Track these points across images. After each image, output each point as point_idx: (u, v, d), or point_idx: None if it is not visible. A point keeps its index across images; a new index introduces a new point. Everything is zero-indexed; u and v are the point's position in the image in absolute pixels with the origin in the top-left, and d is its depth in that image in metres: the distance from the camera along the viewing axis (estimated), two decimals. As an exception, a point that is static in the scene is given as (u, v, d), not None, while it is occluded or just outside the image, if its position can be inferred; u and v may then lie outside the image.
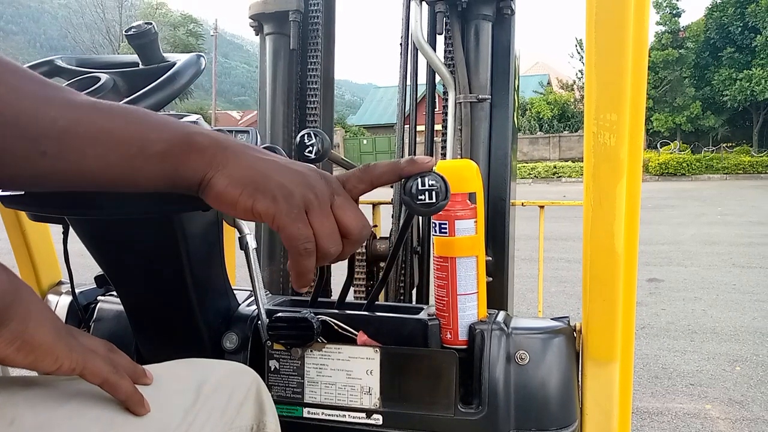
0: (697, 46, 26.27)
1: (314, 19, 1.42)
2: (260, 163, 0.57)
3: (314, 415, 0.94)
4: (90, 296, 1.18)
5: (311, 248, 0.55)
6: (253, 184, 0.55)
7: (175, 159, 0.55)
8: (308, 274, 0.56)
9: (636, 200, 0.88)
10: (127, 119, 0.55)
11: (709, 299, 4.97)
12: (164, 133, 0.55)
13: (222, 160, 0.56)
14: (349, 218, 0.57)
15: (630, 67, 0.80)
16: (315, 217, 0.56)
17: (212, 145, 0.56)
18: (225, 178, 0.55)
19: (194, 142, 0.56)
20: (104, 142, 0.53)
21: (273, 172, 0.56)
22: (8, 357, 0.50)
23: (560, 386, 0.91)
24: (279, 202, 0.55)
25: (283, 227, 0.55)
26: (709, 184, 19.31)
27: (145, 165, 0.55)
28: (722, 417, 2.82)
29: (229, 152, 0.56)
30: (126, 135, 0.54)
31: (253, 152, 0.58)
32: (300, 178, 0.57)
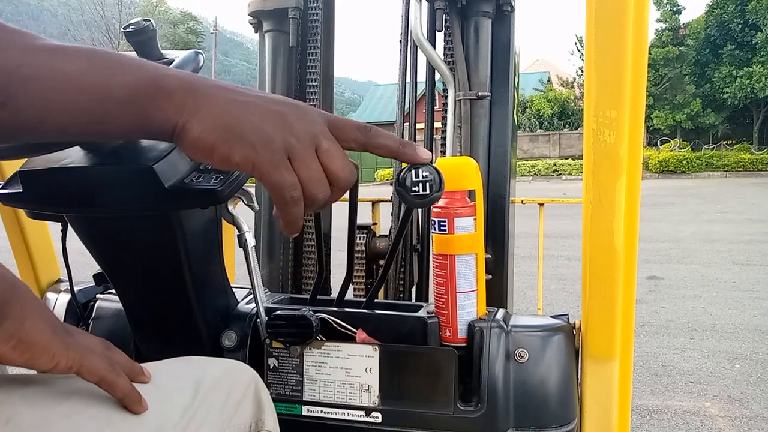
0: (697, 44, 26.27)
1: (313, 16, 1.42)
2: (235, 107, 0.52)
3: (313, 413, 0.94)
4: (89, 294, 1.18)
5: (297, 195, 0.52)
6: (228, 130, 0.51)
7: (143, 104, 0.51)
8: (298, 222, 0.53)
9: (636, 197, 0.88)
10: (92, 63, 0.52)
11: (709, 297, 4.98)
12: (131, 77, 0.52)
13: (193, 105, 0.52)
14: (335, 164, 0.53)
15: (630, 64, 0.80)
16: (299, 162, 0.52)
17: (182, 88, 0.52)
18: (198, 125, 0.51)
19: (162, 85, 0.52)
20: (68, 88, 0.50)
21: (249, 116, 0.52)
22: (4, 355, 0.50)
23: (559, 384, 0.91)
24: (258, 149, 0.51)
25: (265, 176, 0.51)
26: (709, 182, 19.31)
27: (112, 111, 0.51)
28: (722, 414, 2.82)
29: (200, 95, 0.52)
30: (91, 80, 0.51)
31: (228, 93, 0.53)
32: (279, 120, 0.52)
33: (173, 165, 0.79)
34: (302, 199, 0.52)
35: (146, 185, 0.77)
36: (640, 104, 0.86)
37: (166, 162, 0.78)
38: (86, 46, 0.55)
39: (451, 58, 1.31)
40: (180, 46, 32.57)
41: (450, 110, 1.31)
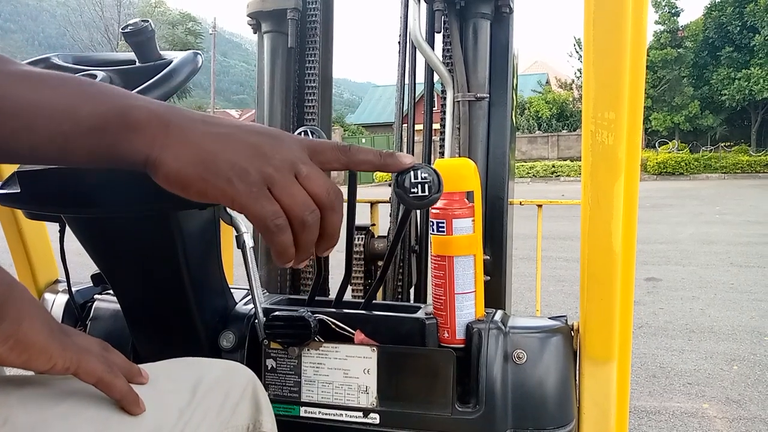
0: (695, 46, 26.31)
1: (312, 17, 1.42)
2: (208, 140, 0.51)
3: (311, 414, 0.94)
4: (86, 295, 1.18)
5: (281, 223, 0.51)
6: (202, 164, 0.50)
7: (112, 136, 0.50)
8: (288, 250, 0.53)
9: (634, 199, 0.88)
10: (59, 91, 0.51)
11: (707, 298, 4.98)
12: (98, 107, 0.50)
13: (164, 138, 0.51)
14: (317, 186, 0.53)
15: (628, 65, 0.80)
16: (279, 189, 0.51)
17: (152, 121, 0.51)
18: (171, 160, 0.50)
19: (131, 117, 0.51)
20: (32, 118, 0.49)
21: (223, 150, 0.51)
22: (1, 356, 0.50)
23: (558, 385, 0.91)
24: (234, 183, 0.50)
25: (245, 208, 0.51)
26: (707, 184, 19.33)
27: (78, 142, 0.50)
28: (719, 416, 2.82)
29: (172, 127, 0.51)
30: (56, 109, 0.50)
31: (200, 126, 0.52)
32: (253, 151, 0.51)
33: (171, 166, 0.78)
34: (287, 226, 0.52)
35: (144, 186, 0.77)
36: (639, 106, 0.86)
37: None
38: (58, 73, 0.54)
39: (449, 60, 1.31)
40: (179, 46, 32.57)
41: (449, 111, 1.32)
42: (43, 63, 0.92)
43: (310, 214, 0.52)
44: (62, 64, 0.92)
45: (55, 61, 0.92)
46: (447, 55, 1.32)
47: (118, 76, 0.88)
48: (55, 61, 0.92)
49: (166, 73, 0.80)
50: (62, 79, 0.52)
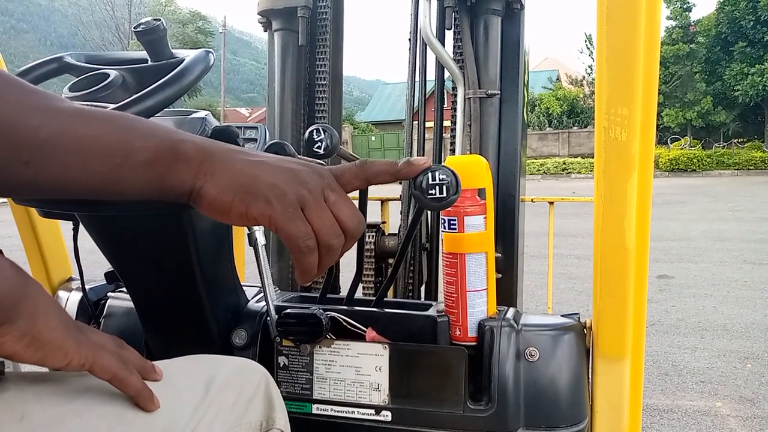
0: (708, 41, 26.06)
1: (322, 15, 1.42)
2: (248, 166, 0.55)
3: (323, 411, 0.94)
4: (100, 292, 1.19)
5: (312, 245, 0.54)
6: (243, 188, 0.54)
7: (162, 168, 0.54)
8: (312, 270, 0.56)
9: (647, 196, 0.87)
10: (111, 127, 0.54)
11: (720, 296, 4.94)
12: (149, 142, 0.54)
13: (209, 168, 0.54)
14: (344, 214, 0.56)
15: (641, 61, 0.79)
16: (311, 212, 0.55)
17: (198, 153, 0.55)
18: (215, 187, 0.54)
19: (180, 151, 0.54)
20: (87, 152, 0.52)
21: (262, 174, 0.55)
22: (18, 353, 0.50)
23: (570, 383, 0.90)
24: (272, 203, 0.54)
25: (281, 227, 0.54)
26: (720, 180, 19.16)
27: (131, 174, 0.53)
28: (733, 415, 2.80)
29: (215, 158, 0.55)
30: (110, 144, 0.53)
31: (241, 155, 0.56)
32: (290, 176, 0.55)
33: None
34: (317, 248, 0.55)
35: None
36: (652, 102, 0.85)
37: None
38: (108, 110, 0.57)
39: (460, 57, 1.31)
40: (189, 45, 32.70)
41: (459, 108, 1.31)
42: (57, 62, 0.93)
43: (336, 239, 0.56)
44: (75, 63, 0.93)
45: (68, 61, 0.93)
46: (458, 52, 1.32)
47: (130, 74, 0.89)
48: (68, 61, 0.93)
49: (179, 72, 0.80)
50: (113, 116, 0.56)
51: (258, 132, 0.88)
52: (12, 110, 0.49)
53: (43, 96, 0.53)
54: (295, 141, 1.42)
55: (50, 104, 0.52)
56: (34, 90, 0.53)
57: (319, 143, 0.84)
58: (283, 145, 0.78)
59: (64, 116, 0.52)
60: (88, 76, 0.87)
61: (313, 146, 0.84)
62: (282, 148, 0.78)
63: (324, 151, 0.84)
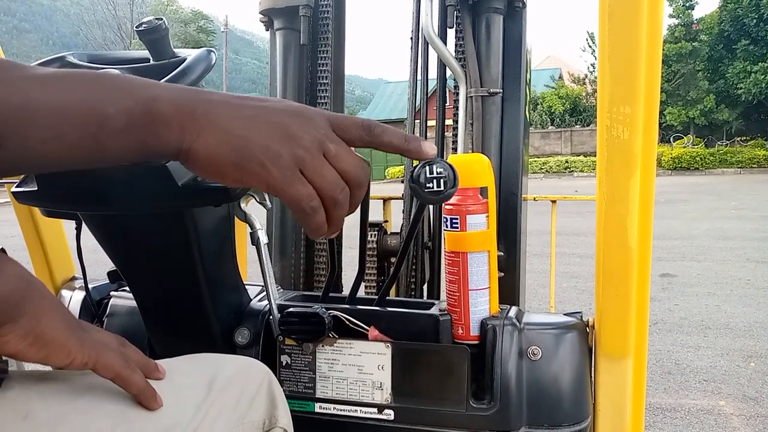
0: (710, 39, 25.99)
1: (324, 14, 1.42)
2: (237, 123, 0.51)
3: (326, 410, 0.94)
4: (103, 291, 1.19)
5: (316, 205, 0.52)
6: (235, 152, 0.50)
7: (140, 132, 0.50)
8: (322, 227, 0.53)
9: (650, 194, 0.87)
10: (82, 92, 0.49)
11: (723, 294, 4.93)
12: (121, 105, 0.49)
13: (193, 128, 0.50)
14: (346, 164, 0.53)
15: (644, 59, 0.79)
16: (311, 171, 0.51)
17: (177, 112, 0.50)
18: (203, 148, 0.50)
19: (155, 111, 0.50)
20: (59, 124, 0.48)
21: (253, 133, 0.51)
22: (21, 352, 0.51)
23: (573, 382, 0.90)
24: (268, 167, 0.50)
25: (281, 192, 0.51)
26: (723, 179, 19.13)
27: (110, 141, 0.49)
28: (736, 413, 2.79)
29: (198, 116, 0.51)
30: (83, 112, 0.49)
31: (225, 109, 0.52)
32: (283, 132, 0.51)
33: (186, 163, 0.79)
34: (321, 206, 0.52)
35: (160, 183, 0.78)
36: (654, 100, 0.85)
37: None
38: (74, 72, 0.53)
39: (462, 55, 1.31)
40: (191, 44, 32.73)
41: (461, 107, 1.31)
42: (59, 62, 0.93)
43: (341, 193, 0.53)
44: (77, 62, 0.93)
45: (70, 60, 0.93)
46: (459, 51, 1.32)
47: (133, 74, 0.89)
48: (70, 60, 0.93)
49: (181, 71, 0.80)
50: (81, 78, 0.51)
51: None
52: None
53: (9, 67, 0.49)
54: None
55: (17, 74, 0.48)
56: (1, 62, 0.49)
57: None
58: None
59: (27, 86, 0.48)
60: (90, 75, 0.87)
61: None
62: None
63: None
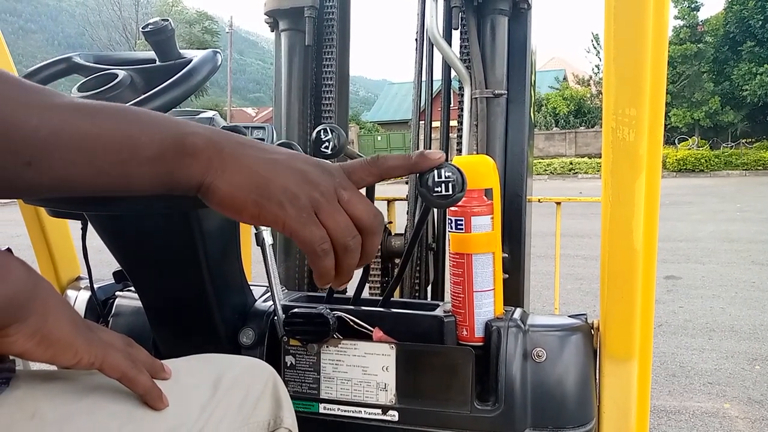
0: (716, 41, 25.91)
1: (329, 15, 1.42)
2: (261, 165, 0.54)
3: (330, 410, 0.94)
4: (108, 291, 1.19)
5: (327, 248, 0.53)
6: (256, 190, 0.53)
7: (170, 163, 0.52)
8: (330, 272, 0.55)
9: (655, 196, 0.87)
10: (115, 121, 0.52)
11: (728, 297, 4.91)
12: (156, 136, 0.52)
13: (219, 164, 0.53)
14: (359, 211, 0.55)
15: (649, 61, 0.79)
16: (325, 214, 0.53)
17: (208, 148, 0.53)
18: (226, 184, 0.53)
19: (188, 144, 0.53)
20: (91, 149, 0.50)
21: (275, 175, 0.53)
22: (28, 352, 0.51)
23: (577, 384, 0.90)
24: (286, 207, 0.52)
25: (295, 232, 0.53)
26: (728, 181, 19.05)
27: (138, 170, 0.52)
28: (741, 416, 2.78)
29: (225, 154, 0.53)
30: (114, 139, 0.51)
31: (252, 151, 0.54)
32: (302, 177, 0.54)
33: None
34: (332, 250, 0.54)
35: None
36: (660, 102, 0.85)
37: None
38: (111, 104, 0.55)
39: (467, 56, 1.31)
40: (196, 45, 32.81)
41: (466, 108, 1.31)
42: (65, 62, 0.93)
43: (353, 240, 0.55)
44: (83, 63, 0.93)
45: (76, 61, 0.93)
46: (464, 52, 1.32)
47: (139, 74, 0.89)
48: (76, 61, 0.93)
49: (186, 72, 0.81)
50: (117, 109, 0.53)
51: (265, 132, 0.89)
52: (9, 110, 0.47)
53: (41, 93, 0.51)
54: (302, 141, 1.43)
55: (49, 101, 0.50)
56: (32, 87, 0.51)
57: (326, 143, 0.84)
58: (291, 145, 0.78)
59: (64, 112, 0.50)
60: (96, 76, 0.88)
61: (321, 146, 0.85)
62: (289, 147, 0.78)
63: (331, 151, 0.84)
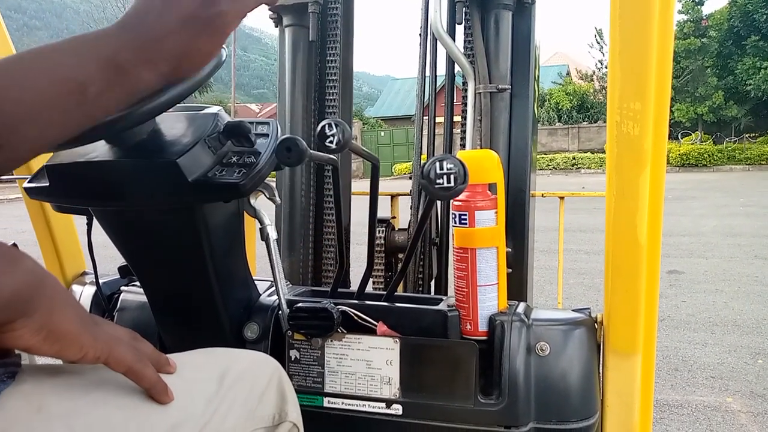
0: (720, 35, 25.76)
1: (333, 11, 1.42)
2: None
3: (334, 404, 0.95)
4: (113, 286, 1.20)
5: None
6: None
7: (122, 87, 0.55)
8: None
9: (660, 191, 0.87)
10: (50, 70, 0.52)
11: (731, 291, 4.91)
12: (91, 70, 0.53)
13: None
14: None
15: (654, 55, 0.79)
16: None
17: (140, 55, 0.56)
18: None
19: (124, 63, 0.55)
20: (42, 110, 0.50)
21: None
22: (35, 346, 0.51)
23: (581, 378, 0.90)
24: None
25: None
26: (731, 175, 19.00)
27: (96, 104, 0.54)
28: (744, 410, 2.78)
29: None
30: (59, 92, 0.51)
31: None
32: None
33: (197, 159, 0.79)
34: None
35: (170, 179, 0.78)
36: (665, 96, 0.85)
37: (189, 156, 0.78)
38: (35, 49, 0.54)
39: (471, 51, 1.31)
40: (198, 41, 32.63)
41: (470, 103, 1.31)
42: None
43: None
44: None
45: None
46: (468, 47, 1.32)
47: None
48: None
49: (191, 68, 0.80)
50: (43, 53, 0.53)
51: (270, 127, 0.89)
52: None
53: None
54: (306, 136, 1.43)
55: None
56: None
57: (331, 138, 0.84)
58: (296, 140, 0.78)
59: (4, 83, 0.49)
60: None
61: (325, 141, 0.85)
62: (294, 143, 0.78)
63: (336, 146, 0.84)
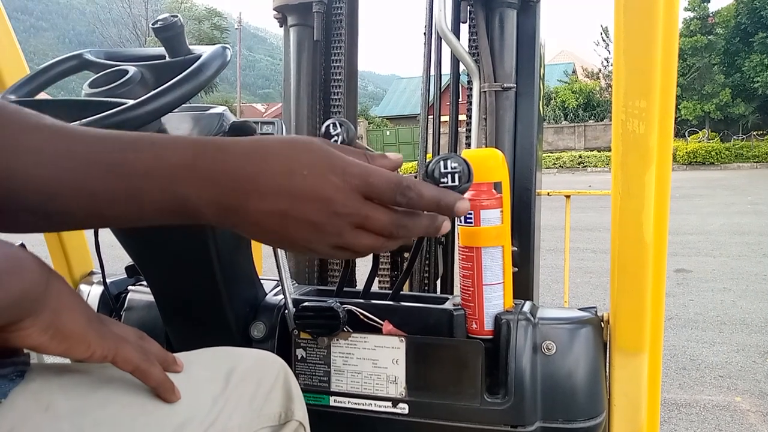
0: (726, 32, 25.66)
1: (338, 10, 1.42)
2: (267, 220, 0.52)
3: (340, 403, 0.95)
4: (121, 286, 1.20)
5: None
6: (275, 243, 0.55)
7: (178, 217, 0.57)
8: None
9: (665, 189, 0.87)
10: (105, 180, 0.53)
11: (739, 290, 4.88)
12: (156, 200, 0.57)
13: (233, 215, 0.55)
14: (379, 228, 0.52)
15: (660, 52, 0.79)
16: (350, 245, 0.53)
17: (212, 209, 0.57)
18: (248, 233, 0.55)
19: (193, 209, 0.57)
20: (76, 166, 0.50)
21: (285, 232, 0.52)
22: (42, 345, 0.51)
23: (588, 377, 0.90)
24: (312, 250, 0.53)
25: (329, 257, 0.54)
26: (738, 173, 18.90)
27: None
28: (752, 410, 2.77)
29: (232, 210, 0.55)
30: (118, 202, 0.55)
31: (254, 204, 0.53)
32: (314, 230, 0.51)
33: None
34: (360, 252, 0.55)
35: None
36: (670, 94, 0.84)
37: None
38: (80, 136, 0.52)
39: (475, 50, 1.30)
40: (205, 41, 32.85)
41: (475, 102, 1.31)
42: (77, 59, 0.94)
43: (381, 248, 0.55)
44: (94, 60, 0.94)
45: (87, 57, 0.94)
46: (473, 46, 1.31)
47: (149, 71, 0.89)
48: (87, 57, 0.94)
49: (196, 68, 0.81)
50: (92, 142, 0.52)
51: (275, 127, 0.89)
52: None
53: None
54: (311, 136, 1.43)
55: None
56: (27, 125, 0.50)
57: (335, 137, 0.84)
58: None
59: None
60: (107, 72, 0.88)
61: (330, 140, 0.85)
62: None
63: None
